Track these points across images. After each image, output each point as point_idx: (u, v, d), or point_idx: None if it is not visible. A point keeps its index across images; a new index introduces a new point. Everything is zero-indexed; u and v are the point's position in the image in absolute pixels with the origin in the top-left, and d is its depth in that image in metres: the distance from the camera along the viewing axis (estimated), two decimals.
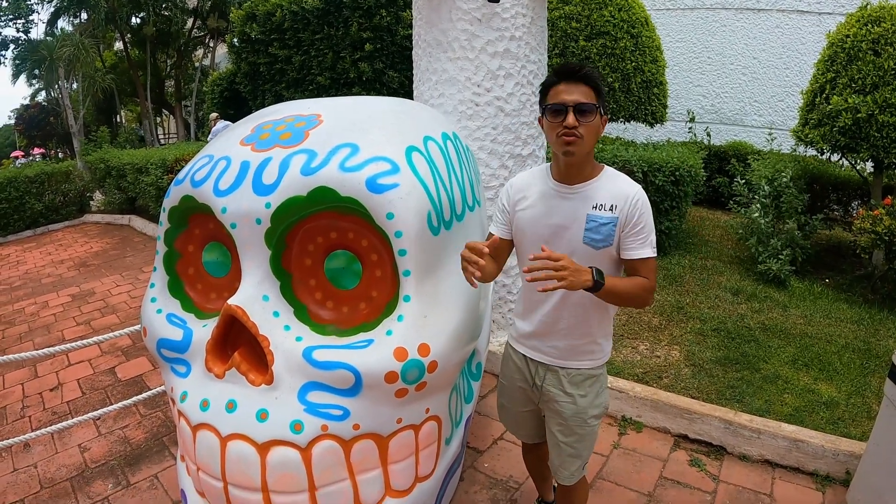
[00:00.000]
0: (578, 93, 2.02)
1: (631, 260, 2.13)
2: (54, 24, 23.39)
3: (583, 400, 2.31)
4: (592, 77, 2.06)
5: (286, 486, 2.01)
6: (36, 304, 7.29)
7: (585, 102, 2.01)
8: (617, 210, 2.09)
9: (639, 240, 2.10)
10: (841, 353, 4.49)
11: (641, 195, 2.13)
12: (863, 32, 6.13)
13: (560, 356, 2.31)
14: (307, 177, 2.02)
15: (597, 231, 2.10)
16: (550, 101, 2.08)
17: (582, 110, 2.01)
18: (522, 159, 4.28)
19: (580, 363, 2.31)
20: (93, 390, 4.73)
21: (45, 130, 33.02)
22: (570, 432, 2.35)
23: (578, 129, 2.01)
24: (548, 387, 2.35)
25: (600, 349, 2.33)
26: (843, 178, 7.78)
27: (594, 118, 2.04)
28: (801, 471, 3.37)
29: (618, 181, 2.17)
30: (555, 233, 2.17)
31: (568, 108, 2.01)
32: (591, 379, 2.33)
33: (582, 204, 2.14)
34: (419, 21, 4.27)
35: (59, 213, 12.61)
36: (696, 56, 11.82)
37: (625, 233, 2.10)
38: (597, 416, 2.37)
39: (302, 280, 2.21)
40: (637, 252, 2.11)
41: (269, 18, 10.64)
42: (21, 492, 3.49)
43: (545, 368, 2.35)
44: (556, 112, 2.04)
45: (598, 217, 2.10)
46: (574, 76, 2.05)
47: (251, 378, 2.04)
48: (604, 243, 2.11)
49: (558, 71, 2.10)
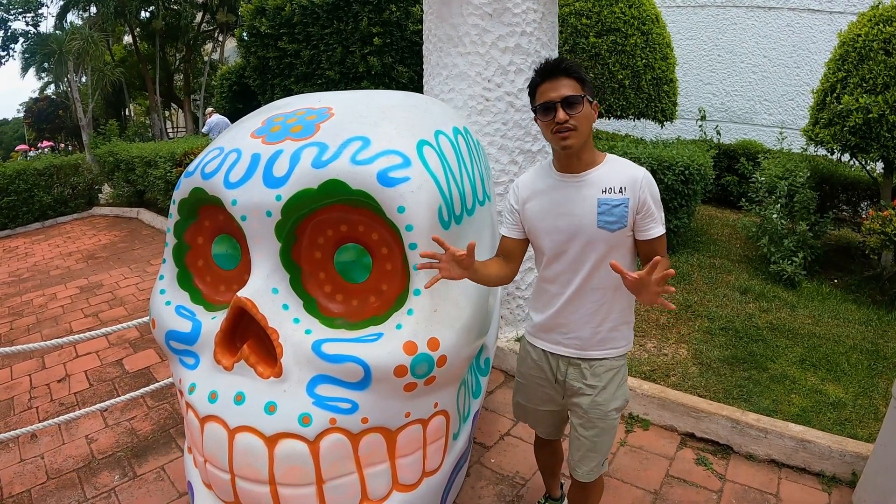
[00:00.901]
0: (563, 87, 2.07)
1: (648, 241, 2.18)
2: (63, 18, 23.38)
3: (605, 392, 2.31)
4: (573, 69, 2.11)
5: (294, 479, 2.01)
6: (44, 295, 7.32)
7: (571, 95, 2.06)
8: (627, 191, 2.13)
9: (653, 220, 2.16)
10: (849, 354, 4.46)
11: (647, 176, 2.18)
12: (874, 32, 6.08)
13: (583, 346, 2.31)
14: (318, 169, 2.02)
15: (610, 213, 2.14)
16: (539, 101, 2.13)
17: (570, 103, 2.06)
18: (532, 155, 4.27)
19: (603, 352, 2.32)
20: (100, 382, 4.75)
21: (54, 124, 33.07)
22: (591, 425, 2.34)
23: (570, 121, 2.06)
24: (570, 381, 2.35)
25: (622, 336, 2.34)
26: (852, 179, 7.74)
27: (583, 108, 2.08)
28: (808, 471, 3.36)
29: (623, 164, 2.22)
30: (569, 222, 2.20)
31: (556, 105, 2.06)
32: (613, 371, 2.33)
33: (591, 190, 2.17)
34: (430, 16, 4.26)
35: (68, 205, 12.66)
36: (706, 54, 11.77)
37: (640, 216, 2.14)
38: (618, 409, 2.36)
39: (311, 273, 2.21)
40: (652, 231, 2.16)
41: (279, 13, 10.62)
42: (28, 482, 3.50)
43: (567, 362, 2.35)
44: (546, 110, 2.10)
45: (609, 200, 2.14)
46: (555, 72, 2.10)
47: (260, 371, 2.05)
48: (618, 225, 2.14)
49: (539, 71, 2.16)
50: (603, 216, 2.14)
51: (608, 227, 2.15)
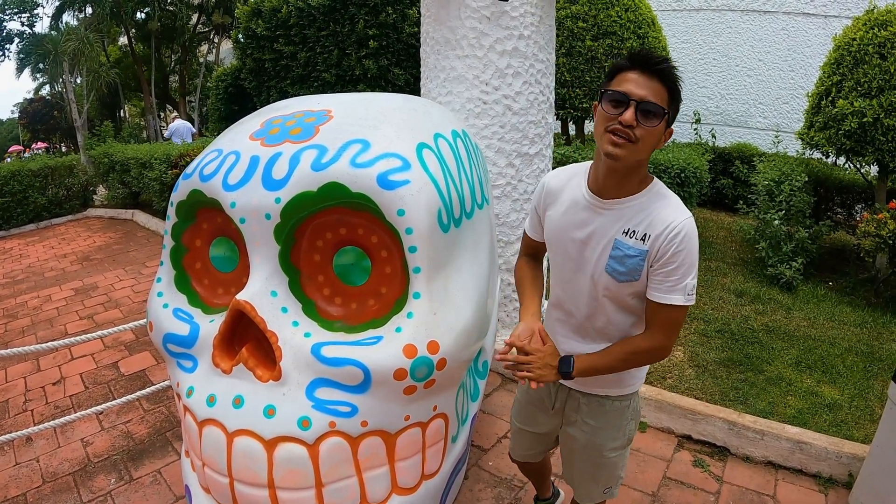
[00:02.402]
0: (650, 89, 1.68)
1: (654, 303, 1.81)
2: (59, 19, 23.39)
3: (601, 433, 2.14)
4: (672, 76, 1.71)
5: (293, 483, 2.00)
6: (39, 297, 7.30)
7: (654, 102, 1.67)
8: (648, 242, 1.76)
9: (668, 281, 1.77)
10: (844, 356, 4.49)
11: (686, 227, 1.75)
12: (869, 36, 6.12)
13: (581, 382, 2.11)
14: (318, 172, 2.01)
15: (621, 262, 1.81)
16: (613, 86, 1.72)
17: (647, 110, 1.67)
18: (529, 158, 4.28)
19: (604, 390, 2.10)
20: (95, 384, 4.73)
21: (48, 124, 33.00)
22: (585, 460, 2.23)
23: (635, 130, 1.67)
24: (568, 412, 2.22)
25: (629, 376, 2.07)
26: (846, 182, 7.78)
27: (658, 124, 1.70)
28: (804, 473, 3.38)
29: (662, 203, 1.81)
30: (579, 251, 1.93)
31: (630, 102, 1.67)
32: (616, 412, 2.12)
33: (612, 224, 1.84)
34: (427, 18, 4.26)
35: (63, 207, 12.61)
36: (701, 57, 11.80)
37: (653, 268, 1.78)
38: (616, 449, 2.16)
39: (310, 276, 2.20)
40: (660, 295, 1.78)
41: (275, 14, 10.63)
42: (23, 486, 3.49)
43: (566, 392, 2.20)
44: (616, 102, 1.70)
45: (624, 246, 1.80)
46: (651, 67, 1.70)
47: (259, 374, 2.03)
48: (626, 277, 1.82)
49: (634, 56, 1.74)
50: (613, 262, 1.83)
51: (616, 276, 1.84)
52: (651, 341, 1.83)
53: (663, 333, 1.82)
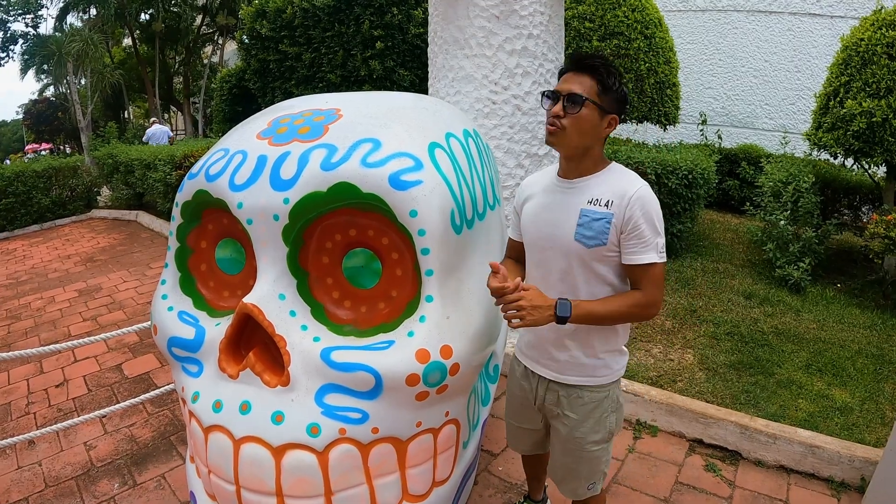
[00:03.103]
0: (578, 83, 1.93)
1: (630, 266, 1.97)
2: (63, 20, 23.44)
3: (581, 426, 2.19)
4: (598, 69, 1.94)
5: (301, 491, 1.96)
6: (42, 299, 7.27)
7: (576, 94, 1.91)
8: (613, 206, 1.94)
9: (640, 243, 1.93)
10: (854, 359, 4.44)
11: (643, 192, 1.95)
12: (877, 36, 6.07)
13: (558, 370, 2.18)
14: (327, 172, 1.96)
15: (588, 227, 1.97)
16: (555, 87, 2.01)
17: (572, 101, 1.91)
18: (539, 158, 4.24)
19: (580, 379, 2.16)
20: (99, 387, 4.69)
21: (52, 125, 33.03)
22: (567, 453, 2.26)
23: (562, 119, 1.93)
24: (548, 405, 2.26)
25: (604, 365, 2.16)
26: (854, 183, 7.73)
27: (581, 110, 1.91)
28: (817, 477, 3.33)
29: (620, 176, 2.03)
30: (552, 229, 2.08)
31: (560, 97, 1.94)
32: (593, 403, 2.17)
33: (577, 198, 2.03)
34: (435, 18, 4.22)
35: (66, 208, 12.62)
36: (707, 58, 11.77)
37: (624, 235, 1.94)
38: (598, 442, 2.22)
39: (319, 278, 2.16)
40: (636, 257, 1.95)
41: (280, 15, 10.59)
42: (25, 490, 3.45)
43: (545, 386, 2.25)
44: (551, 99, 1.98)
45: (590, 212, 1.97)
46: (581, 64, 1.97)
47: (266, 379, 1.99)
48: (595, 241, 1.97)
49: (569, 57, 2.03)
50: (581, 229, 1.99)
51: (584, 241, 1.98)
52: (647, 296, 1.96)
53: (653, 290, 1.96)
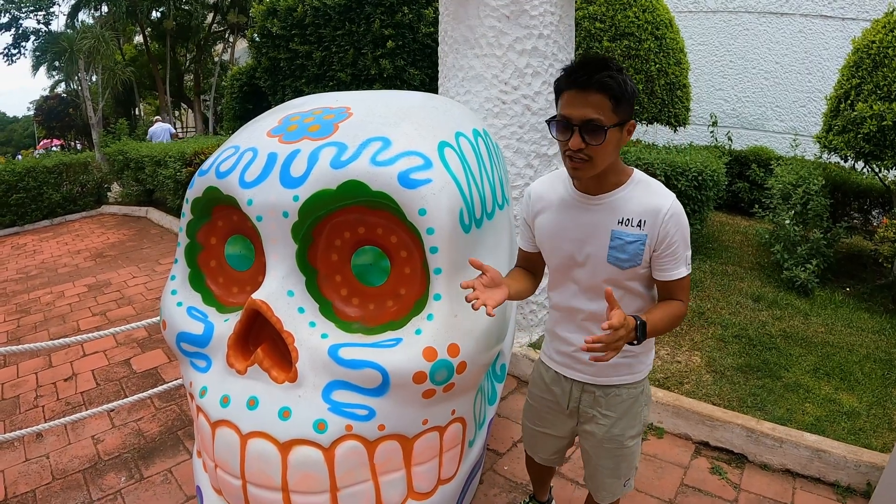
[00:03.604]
0: (589, 105, 1.68)
1: (665, 282, 1.92)
2: (75, 17, 23.55)
3: (620, 423, 2.15)
4: (608, 83, 1.67)
5: (307, 487, 1.97)
6: (52, 293, 7.32)
7: (593, 119, 1.68)
8: (646, 226, 1.84)
9: (674, 259, 1.87)
10: (862, 363, 4.42)
11: (675, 208, 1.85)
12: (889, 39, 6.02)
13: (596, 372, 2.11)
14: (337, 170, 1.97)
15: (622, 250, 1.88)
16: (558, 112, 1.77)
17: (590, 130, 1.69)
18: (548, 159, 4.24)
19: (619, 378, 2.12)
20: (107, 381, 4.72)
21: (63, 122, 33.21)
22: (606, 454, 2.22)
23: (585, 150, 1.71)
24: (584, 408, 2.20)
25: (639, 362, 2.13)
26: (864, 186, 7.68)
27: (605, 138, 1.70)
28: (823, 481, 3.32)
29: (649, 191, 1.89)
30: (577, 249, 1.97)
31: (574, 127, 1.71)
32: (631, 399, 2.14)
33: (606, 217, 1.90)
34: (446, 17, 4.23)
35: (77, 203, 12.69)
36: (717, 60, 11.73)
37: (657, 253, 1.87)
38: (634, 437, 2.20)
39: (328, 276, 2.17)
40: (672, 273, 1.89)
41: (291, 14, 10.61)
42: (33, 482, 3.48)
43: (580, 388, 2.18)
44: (561, 128, 1.75)
45: (623, 234, 1.87)
46: (585, 81, 1.68)
47: (274, 375, 2.01)
48: (630, 263, 1.89)
49: (568, 71, 1.74)
50: (614, 251, 1.89)
51: (619, 264, 1.90)
52: (681, 307, 1.93)
53: (686, 298, 1.96)
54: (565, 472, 3.34)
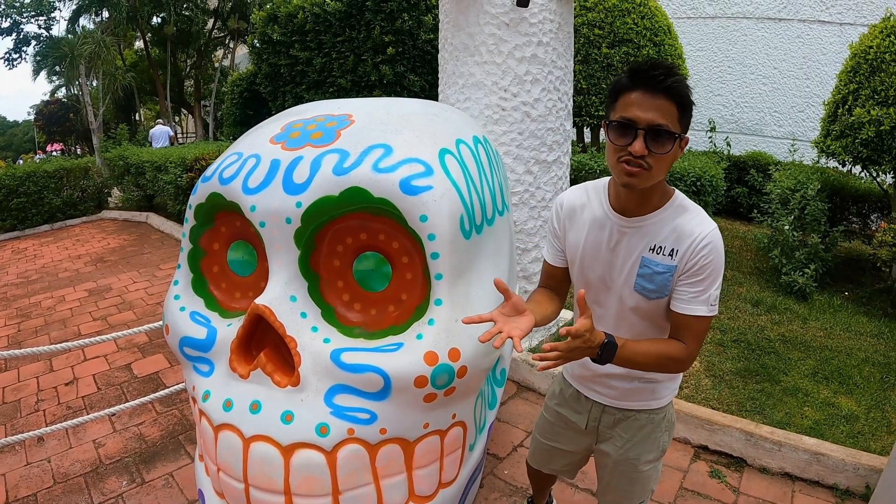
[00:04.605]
0: (656, 110, 1.57)
1: (678, 314, 1.75)
2: (76, 22, 23.51)
3: (637, 447, 2.09)
4: (678, 90, 1.58)
5: (310, 490, 1.99)
6: (52, 298, 7.33)
7: (662, 125, 1.57)
8: (677, 257, 1.71)
9: (694, 291, 1.71)
10: (861, 367, 4.44)
11: (713, 240, 1.70)
12: (886, 44, 6.05)
13: (619, 397, 2.05)
14: (340, 177, 2.00)
15: (650, 280, 1.76)
16: (619, 113, 1.63)
17: (656, 136, 1.58)
18: (548, 165, 4.26)
19: (641, 403, 2.05)
20: (108, 386, 4.73)
21: (64, 126, 33.18)
22: (620, 475, 2.17)
23: (647, 158, 1.59)
24: (603, 428, 2.16)
25: (664, 388, 2.03)
26: (862, 191, 7.71)
27: (671, 147, 1.60)
28: (821, 484, 3.33)
29: (687, 217, 1.75)
30: (606, 271, 1.87)
31: (638, 131, 1.58)
32: (651, 425, 2.07)
33: (639, 241, 1.78)
34: (446, 24, 4.25)
35: (77, 208, 12.68)
36: (716, 65, 11.77)
37: (680, 279, 1.73)
38: (650, 461, 2.11)
39: (330, 281, 2.19)
40: (688, 306, 1.73)
41: (291, 20, 10.63)
42: (34, 486, 3.49)
43: (600, 409, 2.13)
44: (623, 130, 1.61)
45: (652, 263, 1.75)
46: (656, 85, 1.57)
47: (277, 379, 2.03)
48: (657, 294, 1.77)
49: (635, 73, 1.62)
50: (642, 280, 1.78)
51: (646, 294, 1.79)
52: (689, 350, 1.75)
53: (695, 344, 1.76)
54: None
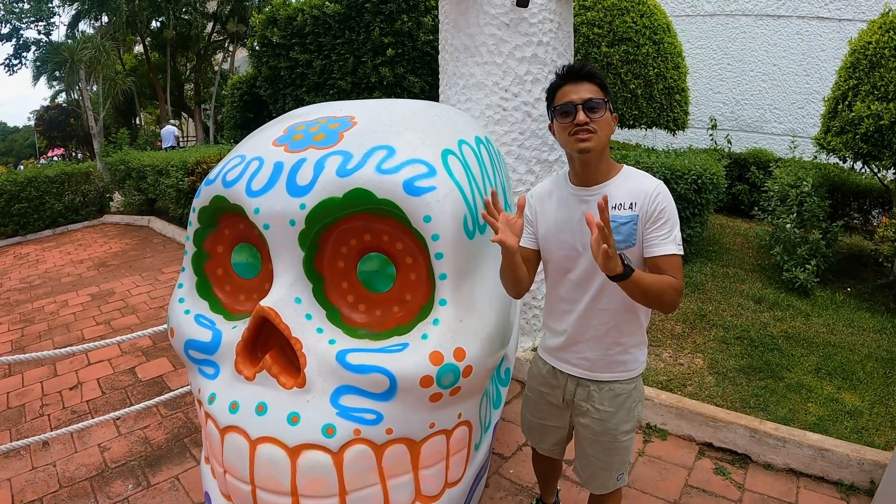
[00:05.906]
0: (585, 90, 2.00)
1: (654, 258, 2.01)
2: (75, 27, 23.53)
3: (614, 417, 2.23)
4: (596, 74, 2.04)
5: (316, 491, 1.99)
6: (55, 302, 7.34)
7: (594, 98, 1.98)
8: (637, 207, 2.02)
9: (660, 235, 2.00)
10: (864, 363, 4.44)
11: (662, 189, 2.05)
12: (885, 39, 6.04)
13: (590, 367, 2.23)
14: (343, 178, 2.01)
15: (617, 231, 2.00)
16: (558, 102, 2.05)
17: (591, 107, 1.98)
18: (549, 164, 4.26)
19: (612, 374, 2.22)
20: (113, 390, 4.74)
21: (65, 131, 33.19)
22: (599, 447, 2.29)
23: (590, 124, 1.98)
24: (578, 401, 2.29)
25: (633, 359, 2.23)
26: (863, 186, 7.69)
27: (604, 113, 2.00)
28: (826, 480, 3.34)
29: (637, 178, 2.10)
30: (575, 239, 2.12)
31: (577, 107, 1.98)
32: (623, 395, 2.23)
33: None
34: (446, 25, 4.26)
35: (79, 213, 12.72)
36: (716, 63, 11.76)
37: (646, 229, 2.02)
38: (628, 432, 2.28)
39: (334, 282, 2.20)
40: (660, 248, 2.00)
41: (291, 23, 10.61)
42: (40, 490, 3.50)
43: (575, 382, 2.28)
44: (566, 113, 2.01)
45: (617, 217, 2.02)
46: (577, 76, 2.03)
47: (282, 381, 2.03)
48: (625, 244, 2.03)
49: (560, 73, 2.08)
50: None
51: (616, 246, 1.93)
52: (673, 280, 1.96)
53: (680, 277, 2.00)
54: (571, 475, 3.35)
